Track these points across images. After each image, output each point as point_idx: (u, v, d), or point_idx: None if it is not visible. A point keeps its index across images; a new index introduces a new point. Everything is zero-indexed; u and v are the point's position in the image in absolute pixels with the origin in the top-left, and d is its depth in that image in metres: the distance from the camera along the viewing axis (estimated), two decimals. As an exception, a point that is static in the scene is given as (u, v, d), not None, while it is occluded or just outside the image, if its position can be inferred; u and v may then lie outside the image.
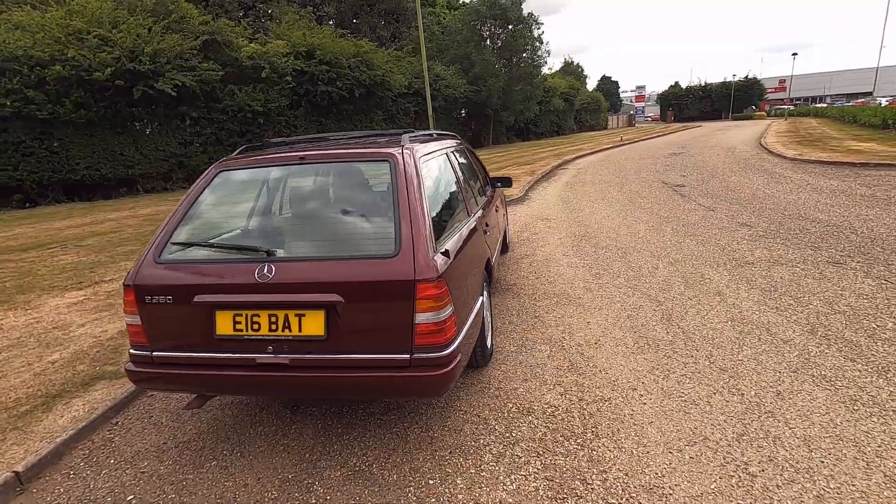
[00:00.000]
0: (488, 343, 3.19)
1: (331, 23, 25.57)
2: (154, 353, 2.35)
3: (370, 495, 2.19)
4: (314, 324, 2.17)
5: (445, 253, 2.28)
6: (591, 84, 63.51)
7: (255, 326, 2.22)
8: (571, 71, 54.17)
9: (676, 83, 69.92)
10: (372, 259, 2.17)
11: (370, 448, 2.51)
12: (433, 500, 2.14)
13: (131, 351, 2.40)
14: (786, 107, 51.77)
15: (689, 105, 64.27)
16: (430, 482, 2.24)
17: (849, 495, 1.99)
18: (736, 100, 59.53)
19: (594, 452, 2.36)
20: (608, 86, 75.25)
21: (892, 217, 6.39)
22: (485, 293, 3.07)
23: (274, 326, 2.20)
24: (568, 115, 45.43)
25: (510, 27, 32.61)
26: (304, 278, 2.16)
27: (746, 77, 61.64)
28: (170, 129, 17.12)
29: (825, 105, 47.83)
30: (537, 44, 33.61)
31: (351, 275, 2.14)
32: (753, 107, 58.82)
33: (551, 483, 2.18)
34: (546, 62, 37.35)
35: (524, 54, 33.99)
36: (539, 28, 33.36)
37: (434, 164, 2.90)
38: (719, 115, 59.29)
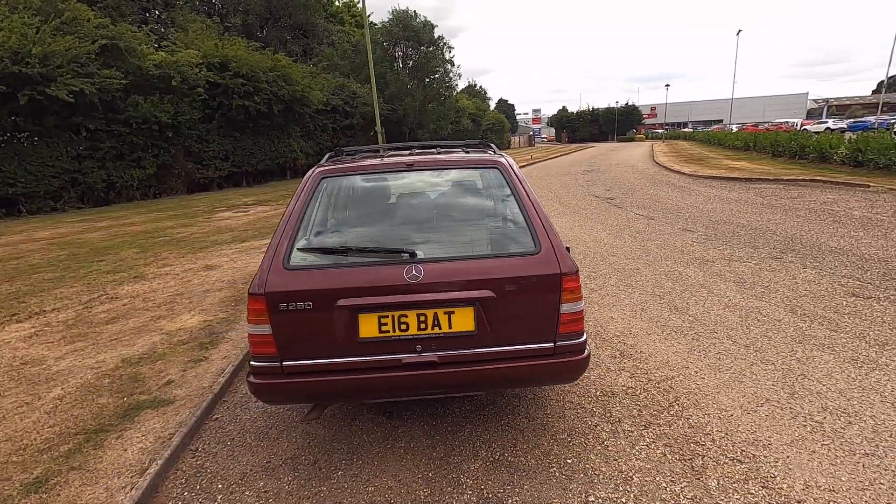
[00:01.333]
0: None
1: (243, 36, 24.41)
2: (284, 363, 2.27)
3: (521, 479, 2.31)
4: (464, 320, 2.27)
5: (568, 249, 2.51)
6: (491, 106, 67.35)
7: (403, 327, 2.26)
8: (475, 93, 56.87)
9: (564, 108, 78.41)
10: (517, 256, 2.33)
11: (491, 440, 2.62)
12: (581, 475, 2.32)
13: (254, 363, 2.29)
14: (659, 130, 59.08)
15: (580, 127, 70.97)
16: (568, 461, 2.42)
17: (893, 426, 2.53)
18: (619, 124, 66.89)
19: (690, 419, 2.70)
20: (505, 108, 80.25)
21: (794, 220, 7.75)
22: None
23: (423, 325, 2.26)
24: (476, 134, 47.52)
25: (422, 48, 33.59)
26: (456, 277, 2.26)
27: (627, 104, 69.68)
28: (61, 142, 15.17)
29: (691, 130, 55.40)
30: (449, 66, 34.94)
31: (502, 271, 2.28)
32: (634, 130, 66.48)
33: (672, 448, 2.47)
34: (457, 84, 38.88)
35: (436, 75, 35.14)
36: (450, 51, 34.75)
37: None
38: (606, 136, 66.26)
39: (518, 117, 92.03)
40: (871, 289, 4.52)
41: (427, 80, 34.74)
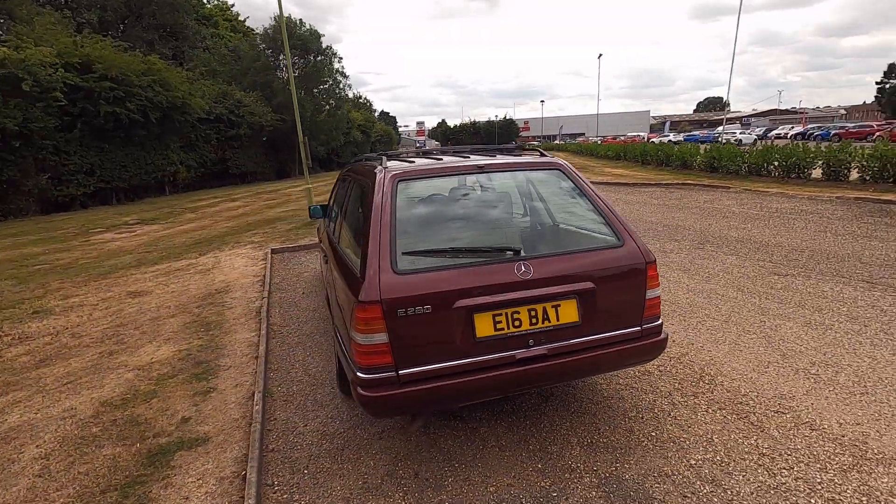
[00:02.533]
0: None
1: (108, 34, 21.44)
2: (401, 372, 2.18)
3: (623, 456, 2.48)
4: (569, 311, 2.38)
5: None
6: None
7: (517, 323, 2.30)
8: (360, 105, 56.48)
9: (444, 121, 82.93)
10: (607, 249, 2.51)
11: (574, 427, 2.75)
12: (670, 444, 2.55)
13: (366, 376, 2.16)
14: (534, 143, 64.12)
15: (463, 140, 74.24)
16: (652, 434, 2.64)
17: (867, 369, 3.17)
18: (499, 136, 71.27)
19: (723, 385, 3.09)
20: (387, 121, 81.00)
21: (693, 217, 9.04)
22: None
23: (534, 320, 2.33)
24: (366, 146, 47.17)
25: (310, 58, 32.60)
26: (561, 271, 2.37)
27: (505, 117, 74.83)
28: None
29: (561, 142, 61.06)
30: (339, 77, 34.35)
31: (597, 263, 2.44)
32: (514, 142, 71.34)
33: (725, 410, 2.82)
34: (349, 94, 38.27)
35: (325, 86, 34.33)
36: (339, 61, 34.20)
37: None
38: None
39: (400, 129, 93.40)
40: (785, 268, 5.51)
41: (316, 90, 33.76)
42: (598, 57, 56.76)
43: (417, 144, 70.40)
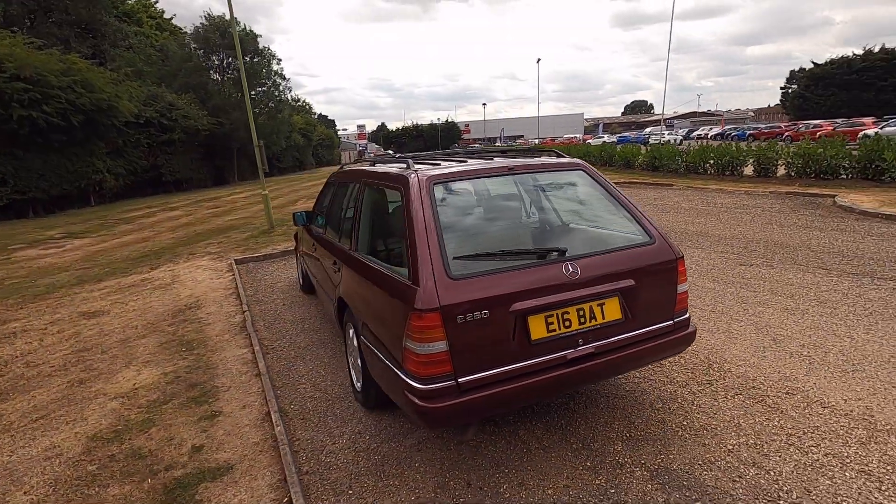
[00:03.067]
0: None
1: (17, 31, 19.34)
2: (460, 380, 2.12)
3: (665, 446, 2.54)
4: (613, 309, 2.42)
5: None
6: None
7: (567, 323, 2.31)
8: (300, 108, 54.88)
9: (384, 124, 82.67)
10: (641, 247, 2.57)
11: (609, 423, 2.79)
12: (704, 431, 2.65)
13: (424, 387, 2.08)
14: (476, 145, 65.13)
15: (407, 142, 74.00)
16: (683, 423, 2.73)
17: (851, 348, 3.46)
18: (442, 139, 71.66)
19: (732, 372, 3.26)
20: (326, 124, 79.27)
21: (650, 213, 9.50)
22: None
23: (582, 320, 2.34)
24: (307, 150, 45.92)
25: (247, 59, 31.26)
26: (605, 269, 2.40)
27: (447, 120, 75.31)
28: None
29: (504, 144, 62.40)
30: (278, 79, 33.20)
31: (638, 261, 2.49)
32: (456, 144, 72.06)
33: (742, 395, 2.98)
34: (289, 97, 36.99)
35: (262, 88, 33.07)
36: (278, 63, 33.06)
37: None
38: (430, 150, 69.73)
39: (339, 133, 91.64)
40: (748, 259, 5.92)
41: (254, 93, 32.44)
42: (537, 61, 58.57)
43: (359, 148, 69.41)
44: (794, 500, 2.14)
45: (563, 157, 3.03)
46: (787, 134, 31.13)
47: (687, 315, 2.69)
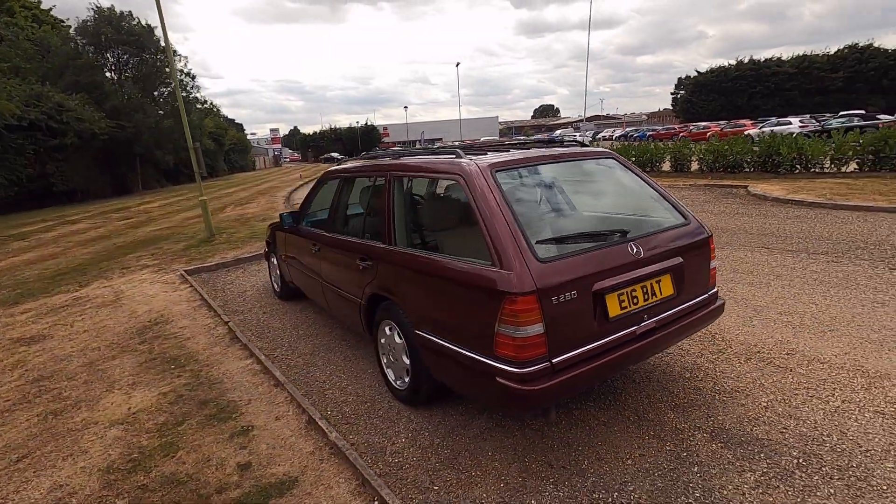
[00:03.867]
0: None
1: None
2: (554, 361, 2.15)
3: (711, 411, 2.75)
4: (667, 285, 2.58)
5: None
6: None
7: (635, 300, 2.43)
8: (207, 111, 51.31)
9: (296, 128, 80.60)
10: (680, 227, 2.76)
11: (653, 394, 2.95)
12: (738, 393, 2.91)
13: (521, 370, 2.09)
14: (397, 148, 65.06)
15: (325, 147, 71.82)
16: (716, 388, 2.98)
17: (850, 319, 3.96)
18: (362, 142, 70.41)
19: (743, 345, 3.60)
20: (236, 128, 74.98)
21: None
22: None
23: (646, 297, 2.48)
24: (219, 155, 43.06)
25: (147, 56, 28.72)
26: (660, 248, 2.55)
27: (367, 123, 74.19)
28: None
29: (427, 147, 62.58)
30: (186, 78, 30.84)
31: (680, 240, 2.68)
32: (377, 147, 71.19)
33: (754, 361, 3.30)
34: (199, 98, 34.40)
35: (166, 87, 30.57)
36: (183, 61, 30.72)
37: None
38: (351, 154, 68.44)
39: (248, 137, 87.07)
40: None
41: (156, 92, 29.90)
42: (457, 65, 59.91)
43: (275, 152, 66.31)
44: (837, 442, 2.42)
45: (588, 147, 3.17)
46: (681, 134, 34.51)
47: (716, 289, 2.94)
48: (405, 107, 68.68)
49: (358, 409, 3.05)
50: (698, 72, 59.19)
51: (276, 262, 5.42)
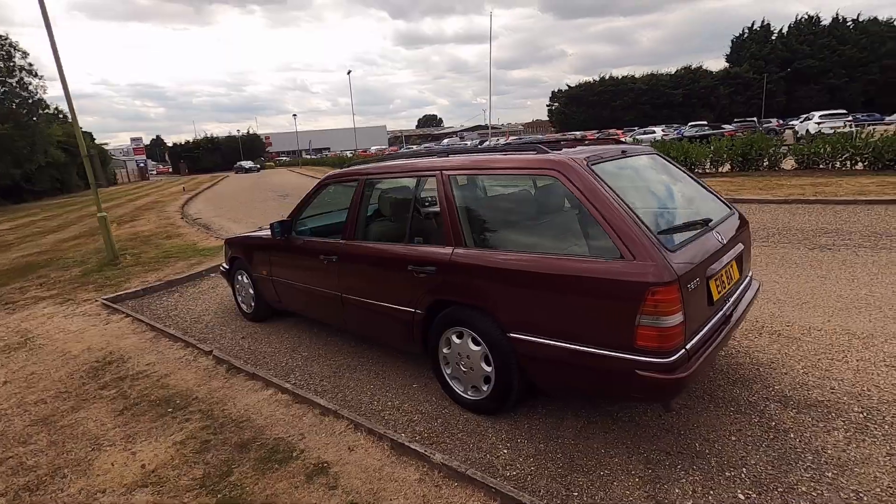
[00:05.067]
0: None
1: None
2: (688, 346, 2.20)
3: (761, 384, 3.00)
4: (735, 270, 2.78)
5: None
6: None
7: (723, 285, 2.58)
8: (53, 117, 44.04)
9: (159, 136, 72.97)
10: (731, 217, 2.99)
11: (711, 375, 3.15)
12: (773, 364, 3.21)
13: (665, 360, 2.10)
14: (284, 157, 61.62)
15: (201, 157, 65.12)
16: (751, 364, 3.26)
17: (853, 298, 4.55)
18: (245, 152, 65.09)
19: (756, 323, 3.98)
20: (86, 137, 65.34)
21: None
22: None
23: (728, 281, 2.64)
24: (70, 169, 37.18)
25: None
26: (730, 236, 2.74)
27: (249, 132, 68.77)
28: None
29: (315, 156, 60.43)
30: (26, 76, 26.24)
31: (738, 227, 2.91)
32: (263, 158, 66.48)
33: (773, 338, 3.68)
34: (45, 101, 29.20)
35: (4, 88, 25.82)
36: (22, 55, 26.13)
37: None
38: (230, 166, 62.33)
39: (104, 147, 76.59)
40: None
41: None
42: (348, 73, 58.93)
43: (140, 164, 58.89)
44: (875, 396, 2.79)
45: (623, 142, 3.31)
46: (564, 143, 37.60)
47: (751, 272, 3.24)
48: (294, 115, 65.58)
49: (433, 427, 2.82)
50: (569, 86, 65.14)
51: (245, 280, 4.81)
